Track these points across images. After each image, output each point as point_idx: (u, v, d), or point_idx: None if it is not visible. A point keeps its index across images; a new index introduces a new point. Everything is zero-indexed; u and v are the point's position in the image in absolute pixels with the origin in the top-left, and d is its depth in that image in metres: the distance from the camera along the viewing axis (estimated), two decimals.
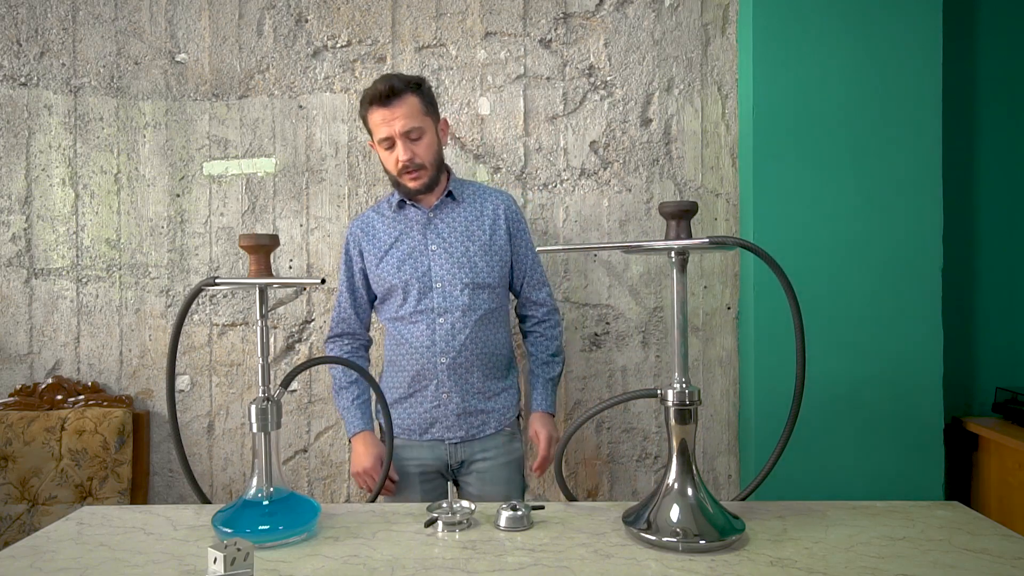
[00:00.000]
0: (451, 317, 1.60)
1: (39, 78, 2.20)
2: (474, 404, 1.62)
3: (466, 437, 1.63)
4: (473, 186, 1.73)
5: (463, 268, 1.61)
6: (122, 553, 1.05)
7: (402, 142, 1.55)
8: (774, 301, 1.99)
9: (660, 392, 1.12)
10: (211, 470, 2.21)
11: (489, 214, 1.67)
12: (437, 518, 1.15)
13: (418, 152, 1.57)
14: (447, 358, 1.60)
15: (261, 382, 1.16)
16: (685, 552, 1.02)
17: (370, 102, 1.56)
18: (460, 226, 1.64)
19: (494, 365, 1.65)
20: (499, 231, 1.66)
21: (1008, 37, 2.17)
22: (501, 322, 1.68)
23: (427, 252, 1.62)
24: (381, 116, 1.55)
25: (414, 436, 1.64)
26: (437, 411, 1.62)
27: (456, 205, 1.67)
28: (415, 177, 1.58)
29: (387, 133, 1.55)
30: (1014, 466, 1.92)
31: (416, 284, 1.61)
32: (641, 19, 2.16)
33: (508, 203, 1.71)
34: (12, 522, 2.03)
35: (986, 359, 2.19)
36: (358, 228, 1.71)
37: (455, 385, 1.60)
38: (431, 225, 1.64)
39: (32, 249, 2.21)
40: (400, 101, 1.54)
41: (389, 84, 1.54)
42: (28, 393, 2.16)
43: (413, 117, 1.55)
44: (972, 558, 1.00)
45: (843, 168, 1.99)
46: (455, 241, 1.63)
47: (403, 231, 1.65)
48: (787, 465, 1.92)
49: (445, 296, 1.60)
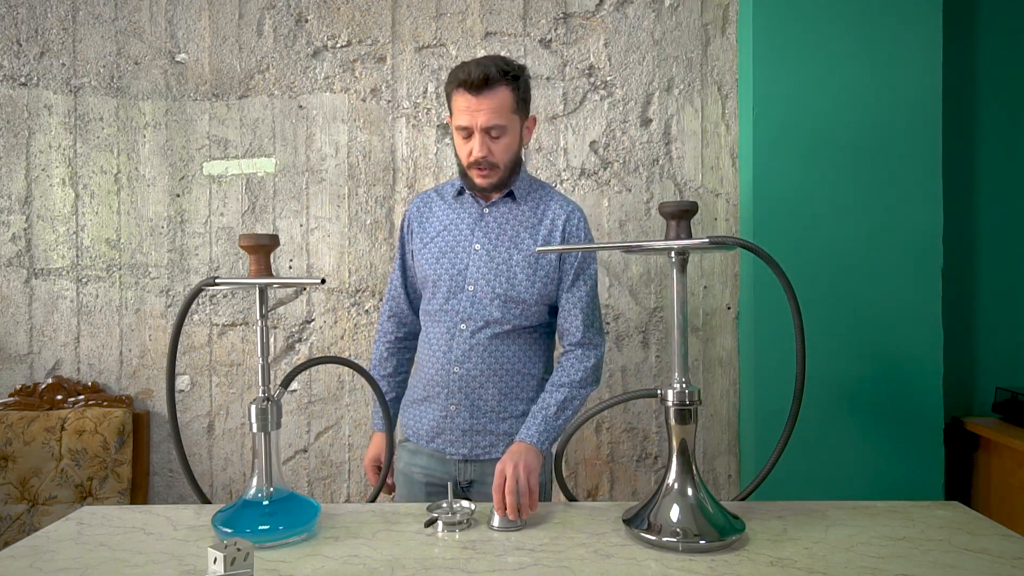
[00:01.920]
0: (473, 325, 1.45)
1: (39, 78, 2.20)
2: (483, 423, 1.47)
3: (470, 456, 1.47)
4: (542, 189, 1.55)
5: (500, 276, 1.45)
6: (122, 553, 1.05)
7: (480, 137, 1.39)
8: (774, 301, 1.99)
9: (660, 392, 1.12)
10: (211, 470, 2.21)
11: (547, 224, 1.49)
12: (437, 518, 1.15)
13: (495, 151, 1.41)
14: (461, 368, 1.46)
15: (261, 382, 1.16)
16: (685, 552, 1.02)
17: (459, 84, 1.39)
18: (511, 230, 1.48)
19: (516, 385, 1.49)
20: (553, 243, 1.48)
21: (1008, 37, 2.17)
22: (534, 342, 1.51)
23: (469, 249, 1.48)
24: (466, 103, 1.38)
25: (421, 442, 1.52)
26: (444, 422, 1.48)
27: (514, 206, 1.50)
28: (485, 175, 1.44)
29: (467, 123, 1.39)
30: (1014, 466, 1.92)
31: (448, 280, 1.48)
32: (641, 19, 2.16)
33: (571, 216, 1.50)
34: (12, 522, 2.03)
35: (986, 359, 2.19)
36: (415, 207, 1.60)
37: (465, 399, 1.46)
38: (481, 222, 1.49)
39: (32, 249, 2.21)
40: (491, 93, 1.37)
41: (485, 73, 1.36)
42: (28, 393, 2.16)
43: (500, 114, 1.39)
44: (972, 558, 1.00)
45: (843, 168, 1.99)
46: (500, 245, 1.47)
47: (454, 220, 1.52)
48: (787, 465, 1.91)
49: (473, 302, 1.46)
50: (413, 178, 2.19)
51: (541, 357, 1.54)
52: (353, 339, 2.20)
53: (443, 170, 2.18)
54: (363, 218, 2.19)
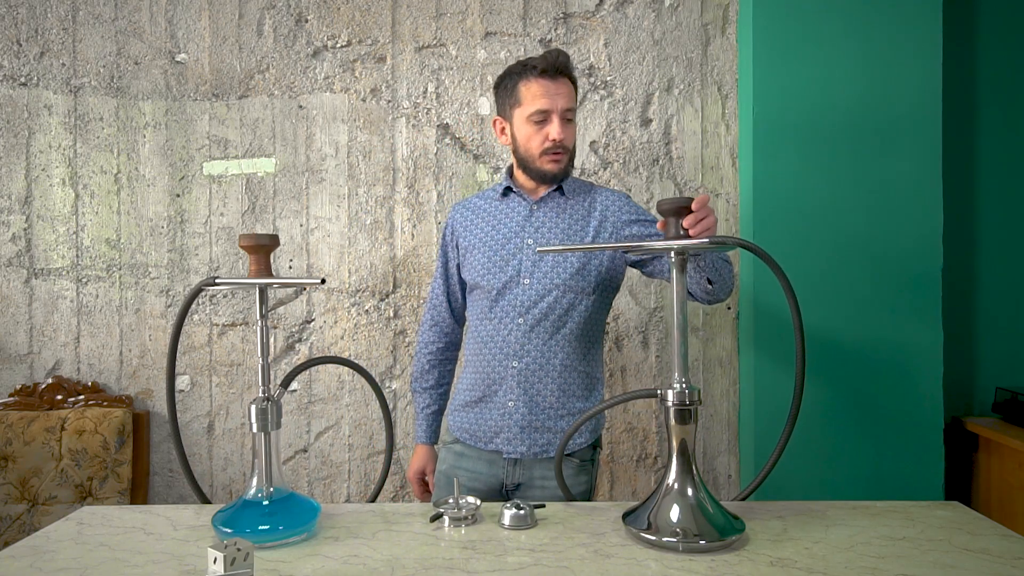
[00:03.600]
0: (532, 318, 1.47)
1: (39, 78, 2.20)
2: (542, 420, 1.47)
3: (527, 455, 1.47)
4: (585, 185, 1.59)
5: (556, 267, 1.48)
6: (122, 553, 1.05)
7: (559, 119, 1.45)
8: (774, 301, 1.99)
9: (660, 392, 1.12)
10: (211, 470, 2.21)
11: (596, 215, 1.52)
12: (443, 513, 1.15)
13: (568, 135, 1.48)
14: (520, 362, 1.47)
15: (261, 382, 1.16)
16: (685, 552, 1.02)
17: (540, 71, 1.45)
18: (563, 223, 1.51)
19: (573, 382, 1.49)
20: (603, 235, 1.51)
21: (1008, 37, 2.17)
22: (590, 335, 1.52)
23: (522, 246, 1.50)
24: (544, 88, 1.44)
25: (478, 444, 1.51)
26: (502, 420, 1.48)
27: (563, 200, 1.54)
28: (558, 160, 1.48)
29: (547, 106, 1.44)
30: (1014, 466, 1.92)
31: (503, 277, 1.49)
32: (641, 19, 2.16)
33: (620, 203, 1.54)
34: (12, 522, 2.03)
35: (986, 359, 2.19)
36: (457, 213, 1.62)
37: (523, 394, 1.46)
38: (532, 218, 1.52)
39: (32, 249, 2.21)
40: (565, 80, 1.46)
41: (562, 59, 1.45)
42: (28, 393, 2.16)
43: (573, 99, 1.48)
44: (972, 558, 1.00)
45: (843, 168, 1.99)
46: (553, 238, 1.50)
47: (502, 220, 1.54)
48: (787, 465, 1.92)
49: (530, 295, 1.47)
50: (413, 178, 2.19)
51: (596, 357, 1.55)
52: (353, 339, 2.20)
53: (443, 170, 2.18)
54: (363, 218, 2.19)
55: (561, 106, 1.45)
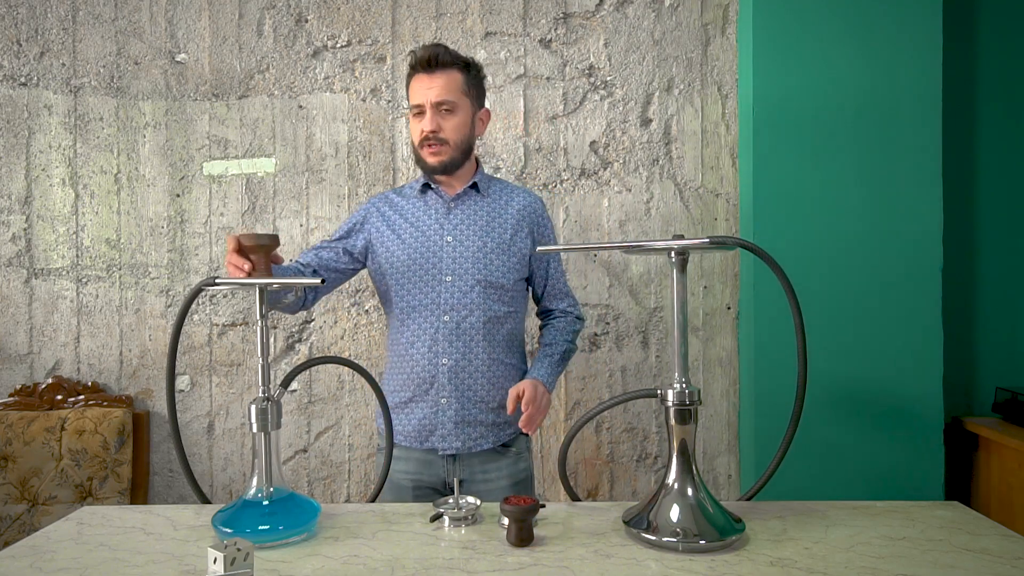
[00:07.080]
0: (457, 316, 1.49)
1: (39, 78, 2.20)
2: (474, 414, 1.50)
3: (462, 449, 1.49)
4: (501, 183, 1.63)
5: (477, 264, 1.50)
6: (122, 553, 1.05)
7: (431, 112, 1.47)
8: (774, 301, 1.99)
9: (660, 392, 1.12)
10: (211, 470, 2.21)
11: (513, 213, 1.57)
12: (443, 513, 1.15)
13: (445, 127, 1.48)
14: (450, 359, 1.49)
15: (261, 382, 1.16)
16: (685, 552, 1.02)
17: (413, 67, 1.49)
18: (481, 220, 1.54)
19: (502, 375, 1.53)
20: (521, 232, 1.55)
21: (1008, 37, 2.17)
22: (512, 329, 1.57)
23: (441, 243, 1.52)
24: (420, 82, 1.48)
25: (413, 444, 1.52)
26: (435, 417, 1.50)
27: (480, 198, 1.57)
28: (435, 152, 1.49)
29: (419, 100, 1.48)
30: (1014, 466, 1.92)
31: (423, 274, 1.50)
32: (641, 19, 2.16)
33: (535, 205, 1.60)
34: (12, 522, 2.03)
35: (986, 359, 2.19)
36: (374, 205, 1.61)
37: (455, 390, 1.49)
38: (450, 215, 1.54)
39: (32, 249, 2.21)
40: (441, 72, 1.47)
41: (435, 52, 1.47)
42: (28, 393, 2.16)
43: (450, 91, 1.47)
44: (972, 558, 1.00)
45: (843, 168, 1.99)
46: (472, 235, 1.52)
47: (420, 217, 1.56)
48: (787, 465, 1.92)
49: (454, 292, 1.49)
50: (413, 178, 2.18)
51: (519, 349, 1.61)
52: (353, 339, 2.20)
53: None
54: None
55: (433, 98, 1.47)
